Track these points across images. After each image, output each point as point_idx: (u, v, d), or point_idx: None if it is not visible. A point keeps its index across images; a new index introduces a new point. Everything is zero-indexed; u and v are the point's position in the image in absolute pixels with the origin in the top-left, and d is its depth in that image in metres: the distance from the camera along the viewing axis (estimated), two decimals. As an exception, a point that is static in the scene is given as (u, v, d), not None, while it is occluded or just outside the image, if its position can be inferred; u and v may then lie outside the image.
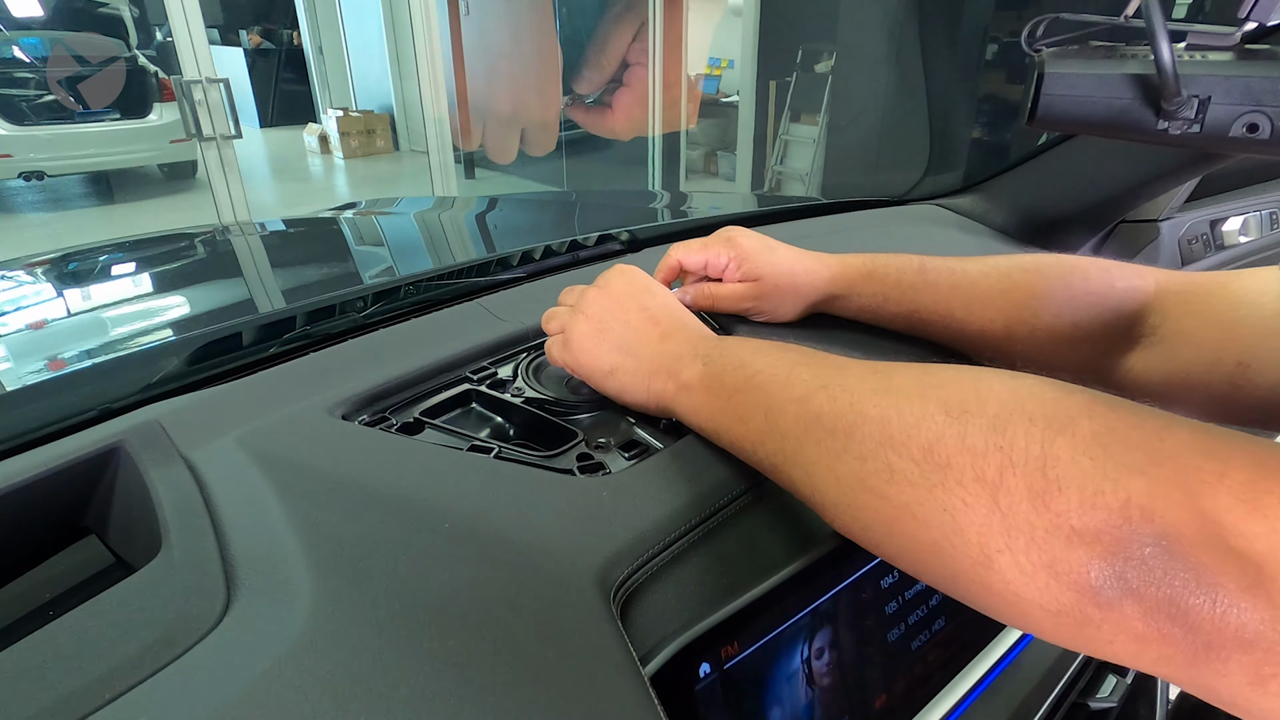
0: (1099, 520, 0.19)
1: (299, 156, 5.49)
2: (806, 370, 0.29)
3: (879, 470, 0.24)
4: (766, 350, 0.32)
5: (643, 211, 1.21)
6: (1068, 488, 0.19)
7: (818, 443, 0.26)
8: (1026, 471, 0.20)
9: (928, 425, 0.23)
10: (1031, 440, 0.21)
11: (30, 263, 0.83)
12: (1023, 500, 0.20)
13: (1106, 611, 0.19)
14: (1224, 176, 0.82)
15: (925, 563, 0.23)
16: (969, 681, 0.37)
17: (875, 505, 0.24)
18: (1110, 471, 0.19)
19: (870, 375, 0.27)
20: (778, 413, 0.29)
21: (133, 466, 0.34)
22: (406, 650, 0.24)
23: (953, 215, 0.77)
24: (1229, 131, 0.30)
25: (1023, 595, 0.20)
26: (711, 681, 0.28)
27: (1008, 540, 0.20)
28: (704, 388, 0.33)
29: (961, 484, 0.21)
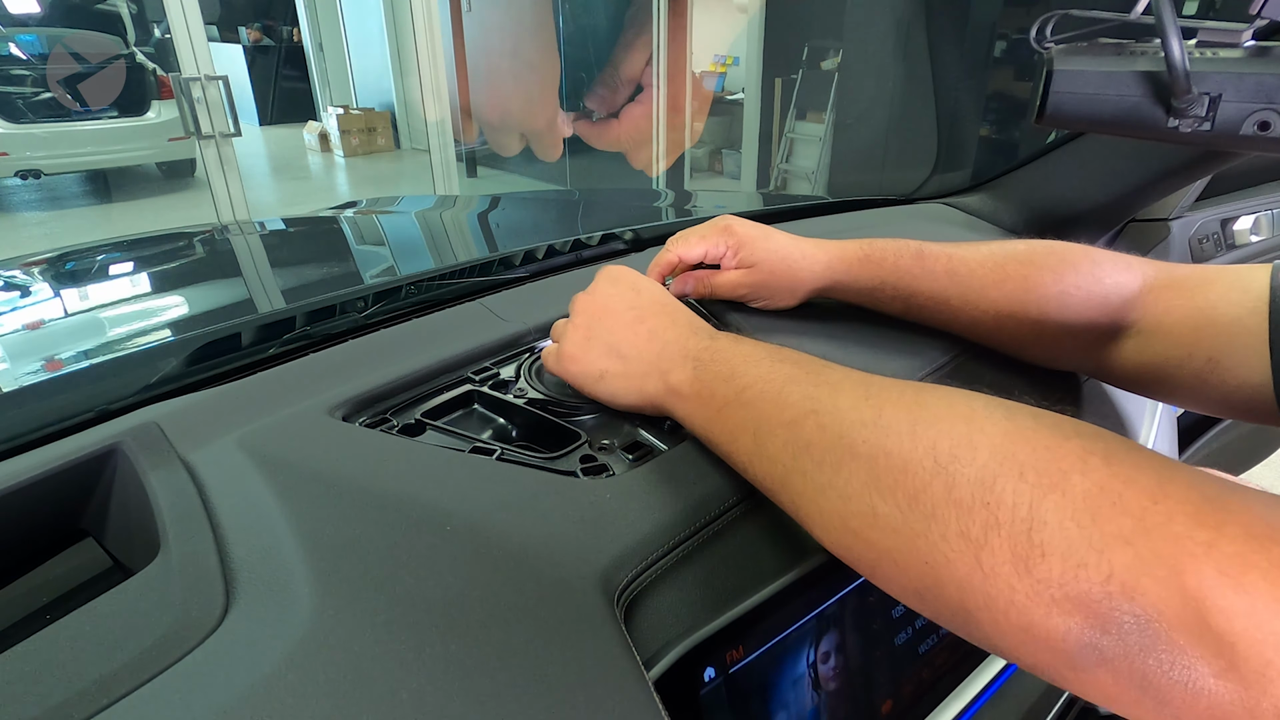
0: (1080, 592, 0.19)
1: (299, 155, 5.49)
2: (798, 389, 0.28)
3: (863, 512, 0.23)
4: (758, 360, 0.31)
5: (647, 210, 1.21)
6: (1051, 555, 0.19)
7: (804, 474, 0.26)
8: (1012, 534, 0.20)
9: (915, 471, 0.22)
10: (1020, 499, 0.20)
11: (27, 262, 0.83)
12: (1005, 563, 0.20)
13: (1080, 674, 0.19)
14: (1235, 175, 0.81)
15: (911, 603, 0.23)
16: (977, 686, 0.37)
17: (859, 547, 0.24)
18: (1096, 541, 0.19)
19: (862, 403, 0.26)
20: (766, 435, 0.28)
21: (131, 468, 0.33)
22: (408, 654, 0.24)
23: (961, 214, 0.77)
24: (1240, 129, 0.30)
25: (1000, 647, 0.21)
26: (716, 686, 0.28)
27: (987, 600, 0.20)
28: (694, 394, 0.33)
29: (945, 539, 0.21)
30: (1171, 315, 0.38)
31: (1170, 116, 0.31)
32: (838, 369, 0.29)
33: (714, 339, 0.34)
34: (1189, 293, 0.37)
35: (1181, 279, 0.39)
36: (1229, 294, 0.35)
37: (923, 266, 0.45)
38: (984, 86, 2.29)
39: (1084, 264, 0.42)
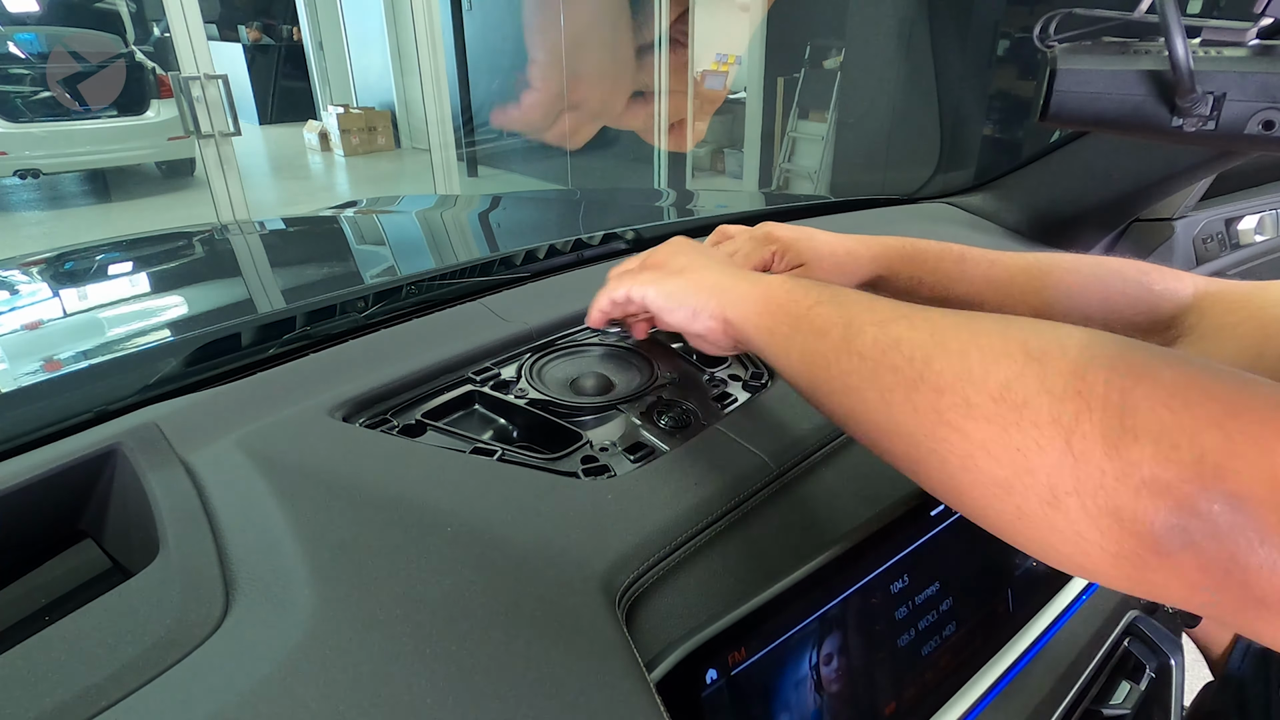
0: (1171, 474, 0.19)
1: (299, 154, 5.48)
2: (888, 304, 0.29)
3: (957, 404, 0.24)
4: (845, 288, 0.32)
5: (648, 210, 1.21)
6: (1143, 438, 0.19)
7: (894, 369, 0.26)
8: (1104, 419, 0.20)
9: (1007, 363, 0.23)
10: (1111, 387, 0.21)
11: (26, 262, 0.83)
12: (1097, 446, 0.20)
13: (1164, 559, 0.19)
14: (1239, 174, 0.81)
15: (993, 500, 0.23)
16: (980, 688, 0.36)
17: (952, 439, 0.24)
18: (1187, 424, 0.19)
19: (952, 314, 0.27)
20: (856, 331, 0.28)
21: (130, 469, 0.33)
22: (408, 656, 0.24)
23: (964, 214, 0.77)
24: (1244, 129, 0.30)
25: (1086, 536, 0.21)
26: (718, 688, 0.28)
27: (1077, 484, 0.20)
28: (784, 294, 0.32)
29: (1037, 425, 0.21)
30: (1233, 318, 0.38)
31: (1174, 116, 0.31)
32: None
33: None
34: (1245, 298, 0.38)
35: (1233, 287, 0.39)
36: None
37: (962, 270, 0.45)
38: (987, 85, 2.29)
39: (1131, 272, 0.42)
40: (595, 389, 0.42)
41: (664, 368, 0.44)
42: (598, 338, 0.48)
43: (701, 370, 0.45)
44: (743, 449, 0.36)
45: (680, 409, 0.40)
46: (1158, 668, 0.43)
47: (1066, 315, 0.42)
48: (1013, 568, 0.40)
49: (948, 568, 0.37)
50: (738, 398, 0.42)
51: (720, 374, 0.45)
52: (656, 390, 0.42)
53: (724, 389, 0.43)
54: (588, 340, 0.47)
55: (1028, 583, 0.41)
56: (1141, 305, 0.40)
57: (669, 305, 0.36)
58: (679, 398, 0.42)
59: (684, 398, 0.42)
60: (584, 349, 0.47)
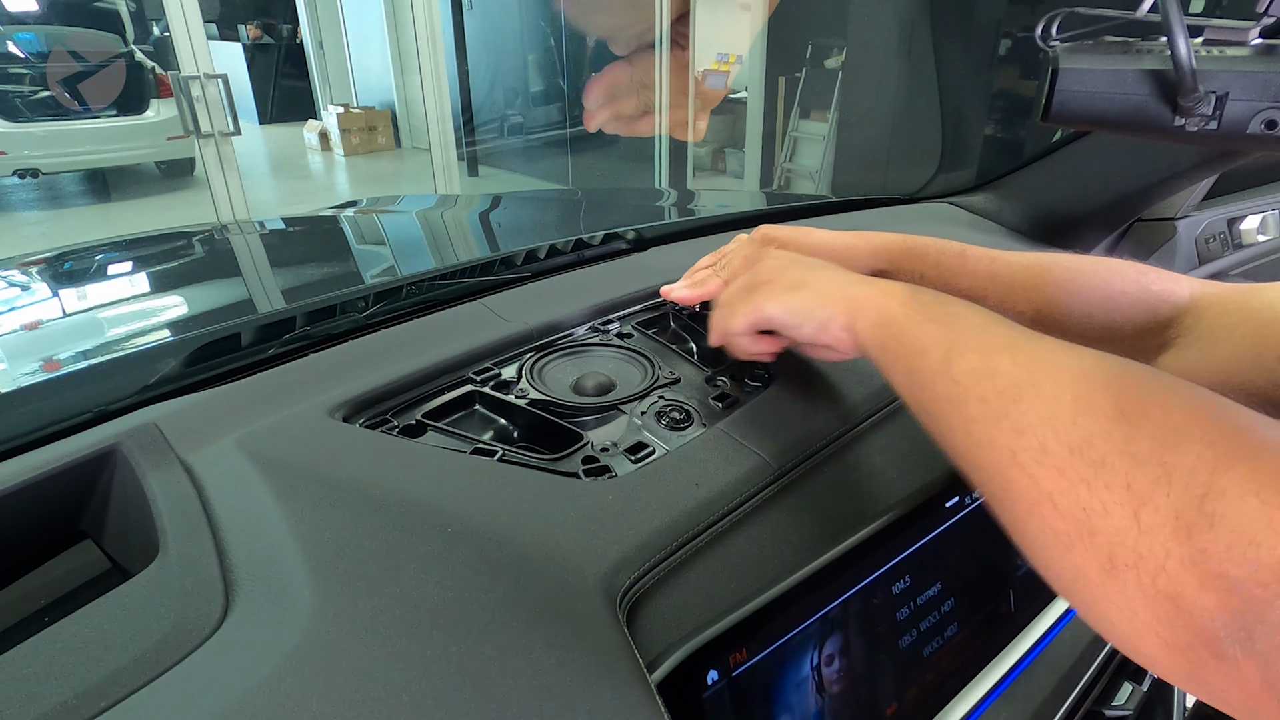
0: (1244, 572, 0.17)
1: (299, 154, 5.48)
2: (1002, 328, 0.28)
3: (1033, 448, 0.23)
4: (971, 304, 0.32)
5: (649, 210, 1.21)
6: (1221, 526, 0.18)
7: (983, 400, 0.25)
8: (1184, 495, 0.19)
9: (1097, 417, 0.22)
10: (1202, 463, 0.19)
11: (25, 262, 0.82)
12: (1167, 523, 0.19)
13: (1223, 664, 0.18)
14: (1241, 174, 0.81)
15: (1054, 554, 0.22)
16: (982, 689, 0.36)
17: (1021, 483, 0.23)
18: (1276, 522, 0.17)
19: (1064, 352, 0.25)
20: (958, 355, 0.28)
21: (129, 470, 0.33)
22: (408, 656, 0.24)
23: (966, 214, 0.77)
24: (1247, 128, 0.30)
25: (1140, 616, 0.19)
26: (719, 689, 0.28)
27: (1138, 557, 0.19)
28: (902, 302, 0.32)
29: (1109, 488, 0.20)
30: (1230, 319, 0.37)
31: (1176, 115, 0.31)
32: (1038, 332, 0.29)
33: None
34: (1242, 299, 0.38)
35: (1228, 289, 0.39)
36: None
37: (964, 265, 0.45)
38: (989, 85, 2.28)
39: (1130, 272, 0.42)
40: (596, 389, 0.42)
41: (665, 368, 0.44)
42: (598, 338, 0.48)
43: (702, 370, 0.45)
44: (744, 449, 0.36)
45: (681, 409, 0.40)
46: (1160, 668, 0.43)
47: (1068, 314, 0.42)
48: (1015, 568, 0.40)
49: (950, 568, 0.36)
50: (739, 398, 0.42)
51: (721, 374, 0.44)
52: (657, 390, 0.42)
53: (725, 389, 0.43)
54: (588, 340, 0.47)
55: (1030, 584, 0.40)
56: (1141, 305, 0.40)
57: (796, 321, 0.36)
58: (680, 398, 0.42)
59: (685, 398, 0.42)
60: (584, 349, 0.46)
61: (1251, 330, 0.36)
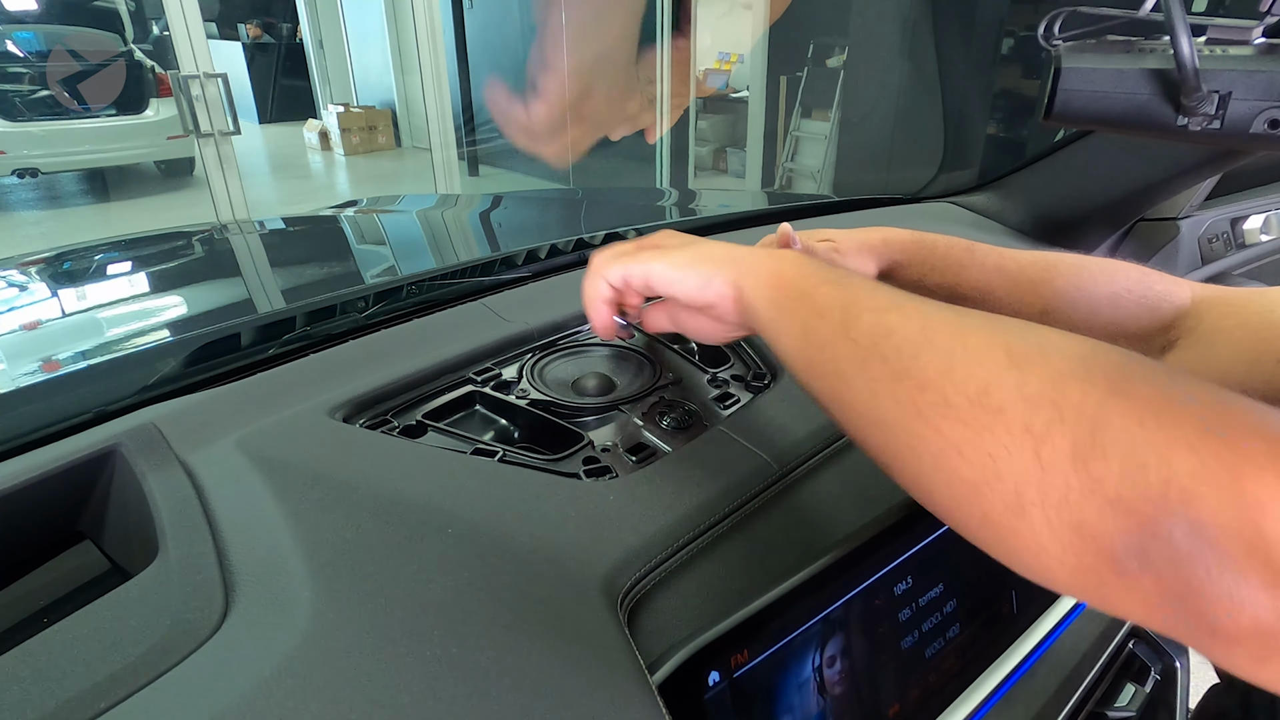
0: (1136, 494, 0.19)
1: (299, 153, 5.47)
2: (886, 290, 0.29)
3: (936, 402, 0.24)
4: (852, 270, 0.32)
5: (650, 209, 1.21)
6: (1112, 455, 0.19)
7: (884, 359, 0.26)
8: (1075, 430, 0.20)
9: (989, 366, 0.23)
10: (1087, 399, 0.20)
11: (24, 262, 0.82)
12: (1065, 458, 0.20)
13: (1123, 579, 0.19)
14: (1244, 174, 0.81)
15: (961, 503, 0.23)
16: (984, 690, 0.36)
17: (928, 436, 0.24)
18: (1159, 444, 0.19)
19: (946, 309, 0.27)
20: (854, 316, 0.28)
21: (129, 470, 0.33)
22: (408, 657, 0.24)
23: (968, 213, 0.77)
24: (1250, 128, 0.30)
25: (1046, 548, 0.21)
26: (721, 690, 0.27)
27: (1042, 494, 0.20)
28: (794, 269, 0.32)
29: (1009, 431, 0.22)
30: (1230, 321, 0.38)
31: (1179, 114, 0.31)
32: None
33: None
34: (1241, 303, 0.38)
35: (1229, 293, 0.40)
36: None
37: (972, 258, 0.45)
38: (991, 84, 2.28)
39: (1134, 272, 0.42)
40: (597, 389, 0.42)
41: (666, 368, 0.44)
42: (599, 338, 0.48)
43: (704, 370, 0.45)
44: (745, 450, 0.36)
45: (682, 409, 0.40)
46: (1163, 670, 0.43)
47: (1074, 309, 0.42)
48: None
49: (951, 569, 0.36)
50: (740, 398, 0.42)
51: (722, 374, 0.44)
52: (658, 391, 0.42)
53: (726, 389, 0.43)
54: (589, 340, 0.47)
55: (1032, 585, 0.40)
56: (1144, 306, 0.41)
57: (677, 275, 0.35)
58: (681, 398, 0.41)
59: (686, 398, 0.42)
60: (585, 349, 0.46)
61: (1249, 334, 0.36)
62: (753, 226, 0.70)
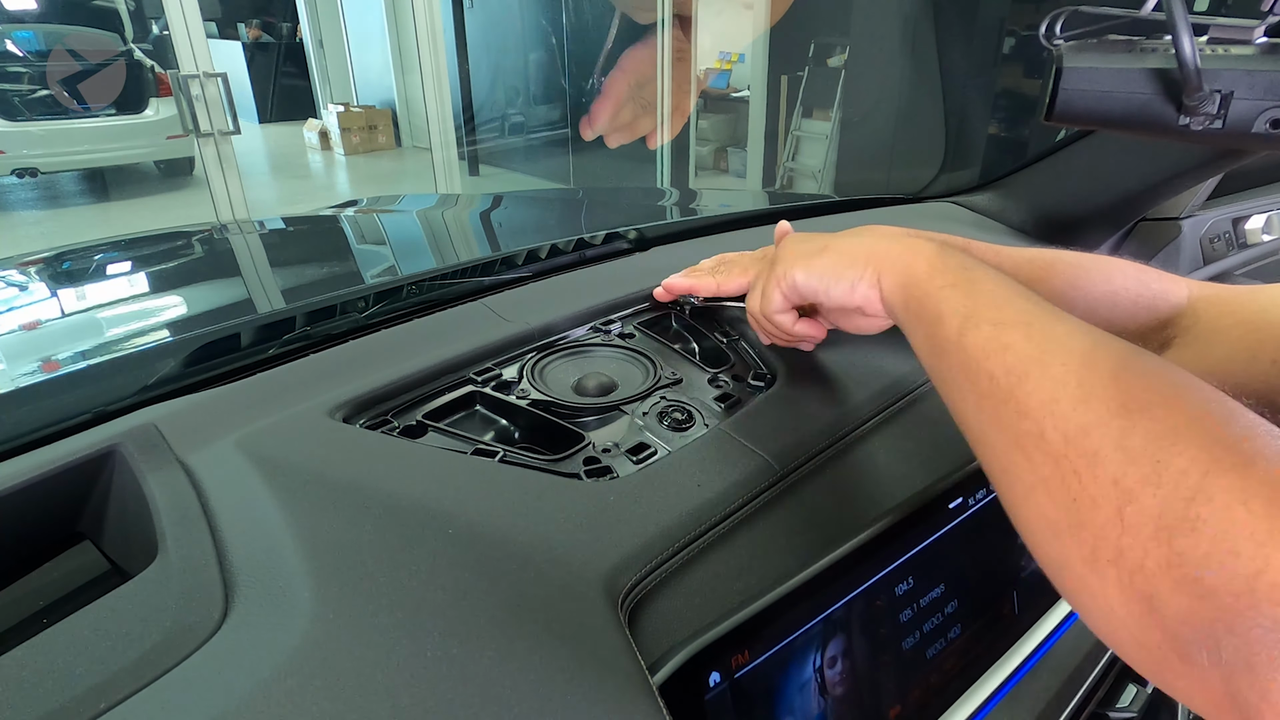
0: (1221, 581, 0.17)
1: (299, 153, 5.47)
2: (1021, 302, 0.28)
3: (1032, 432, 0.23)
4: (995, 271, 0.31)
5: (651, 209, 1.21)
6: (1203, 531, 0.18)
7: (993, 378, 0.25)
8: (1170, 497, 0.18)
9: (1097, 408, 0.22)
10: (1194, 465, 0.19)
11: (23, 262, 0.82)
12: (1150, 522, 0.19)
13: (1189, 668, 0.18)
14: (1246, 173, 0.81)
15: (1044, 542, 0.22)
16: (986, 690, 0.36)
17: (1021, 466, 0.23)
18: (1260, 533, 0.17)
19: (1080, 334, 0.25)
20: (973, 326, 0.27)
21: (128, 470, 0.33)
22: (409, 658, 0.24)
23: (969, 213, 0.77)
24: (1252, 127, 0.30)
25: (1116, 612, 0.19)
26: (721, 691, 0.27)
27: (1119, 554, 0.19)
28: (926, 266, 0.31)
29: (1097, 480, 0.20)
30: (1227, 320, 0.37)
31: (1181, 114, 0.31)
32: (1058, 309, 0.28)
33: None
34: (1238, 301, 0.38)
35: (1227, 290, 0.39)
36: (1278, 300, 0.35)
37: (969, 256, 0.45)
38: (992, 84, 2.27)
39: (1131, 270, 0.42)
40: (597, 389, 0.42)
41: (667, 368, 0.44)
42: (600, 338, 0.47)
43: (704, 370, 0.45)
44: (746, 450, 0.36)
45: (683, 410, 0.40)
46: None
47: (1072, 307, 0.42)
48: (1018, 570, 0.40)
49: (953, 570, 0.36)
50: (741, 398, 0.42)
51: (723, 374, 0.44)
52: (659, 391, 0.42)
53: (727, 389, 0.43)
54: (590, 341, 0.47)
55: (1033, 585, 0.40)
56: (1142, 303, 0.40)
57: (825, 284, 0.35)
58: (682, 398, 0.41)
59: (687, 398, 0.41)
60: (586, 349, 0.46)
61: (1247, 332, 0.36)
62: (753, 226, 0.70)
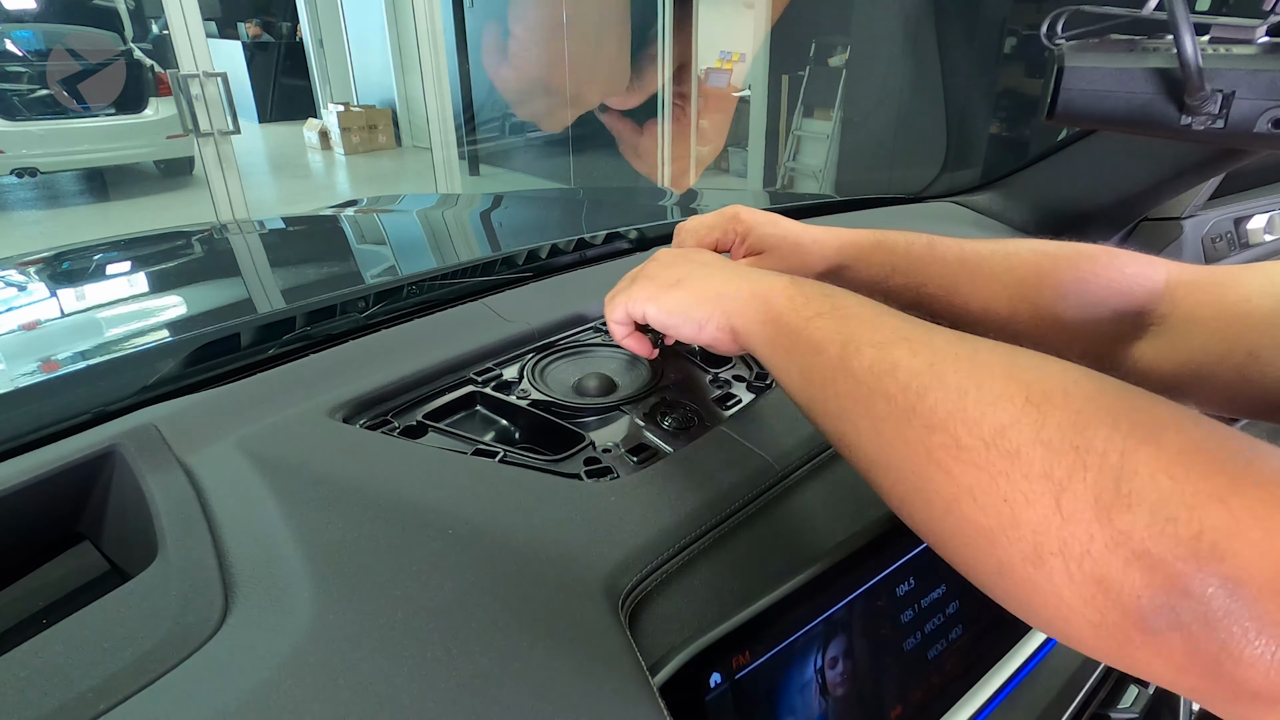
0: (1165, 548, 0.18)
1: (299, 152, 5.47)
2: (892, 319, 0.28)
3: (946, 444, 0.23)
4: (853, 294, 0.30)
5: (652, 209, 1.21)
6: (1139, 506, 0.18)
7: (889, 398, 0.25)
8: (1099, 480, 0.19)
9: (1005, 406, 0.22)
10: (1111, 446, 0.19)
11: (23, 262, 0.82)
12: (1087, 508, 0.19)
13: (1150, 638, 0.18)
14: (1248, 173, 0.81)
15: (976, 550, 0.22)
16: (987, 692, 0.36)
17: (939, 480, 0.23)
18: (1189, 497, 0.18)
19: (957, 341, 0.25)
20: (854, 351, 0.27)
21: (128, 471, 0.33)
22: (408, 660, 0.24)
23: (970, 213, 0.77)
24: (1254, 127, 0.30)
25: (1067, 601, 0.20)
26: (722, 691, 0.27)
27: (1063, 544, 0.19)
28: (785, 296, 0.31)
29: (1028, 477, 0.20)
30: (1204, 309, 0.36)
31: (1183, 114, 0.31)
32: (930, 323, 0.28)
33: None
34: (1218, 288, 0.37)
35: (1207, 275, 0.38)
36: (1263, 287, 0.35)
37: (933, 253, 0.44)
38: (994, 83, 2.27)
39: (1102, 257, 0.41)
40: (598, 390, 0.42)
41: (667, 368, 0.44)
42: (601, 338, 0.47)
43: (705, 371, 0.45)
44: (747, 450, 0.36)
45: (684, 410, 0.40)
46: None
47: (1039, 296, 0.41)
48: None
49: (954, 570, 0.36)
50: (742, 399, 0.42)
51: (724, 374, 0.44)
52: (660, 391, 0.42)
53: (728, 390, 0.43)
54: (590, 341, 0.47)
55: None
56: (1113, 289, 0.40)
57: (672, 321, 0.35)
58: (682, 399, 0.41)
59: (687, 399, 0.41)
60: (587, 349, 0.46)
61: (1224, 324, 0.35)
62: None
